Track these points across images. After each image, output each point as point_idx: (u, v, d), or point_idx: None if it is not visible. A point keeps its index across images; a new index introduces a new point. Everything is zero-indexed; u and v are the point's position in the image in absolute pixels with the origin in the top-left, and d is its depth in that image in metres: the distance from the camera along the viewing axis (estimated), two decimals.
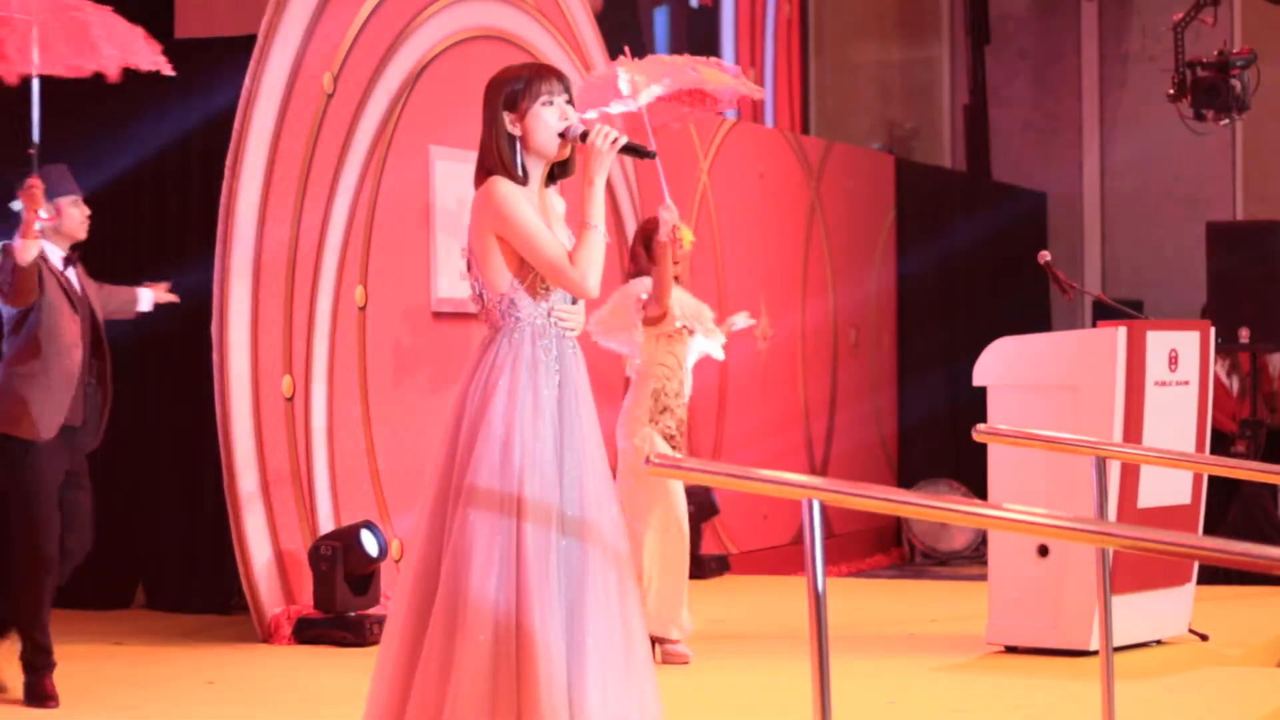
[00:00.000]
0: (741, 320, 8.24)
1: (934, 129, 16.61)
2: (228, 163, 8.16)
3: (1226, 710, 6.69)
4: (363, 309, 8.81)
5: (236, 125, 8.18)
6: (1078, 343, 7.71)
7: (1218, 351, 9.31)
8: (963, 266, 15.07)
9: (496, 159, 5.08)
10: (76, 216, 7.18)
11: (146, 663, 7.71)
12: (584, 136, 5.10)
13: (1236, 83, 10.83)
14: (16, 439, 6.85)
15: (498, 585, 4.94)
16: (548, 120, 5.10)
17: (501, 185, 5.02)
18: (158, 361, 9.08)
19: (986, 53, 16.41)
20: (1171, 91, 11.06)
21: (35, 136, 6.78)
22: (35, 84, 6.78)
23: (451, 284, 9.25)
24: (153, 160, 9.04)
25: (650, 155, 5.30)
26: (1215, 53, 11.05)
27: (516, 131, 5.08)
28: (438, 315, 9.21)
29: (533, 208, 5.09)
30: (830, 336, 13.26)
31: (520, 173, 5.09)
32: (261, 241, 8.31)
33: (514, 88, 5.09)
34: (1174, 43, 11.12)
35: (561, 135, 5.09)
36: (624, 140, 5.12)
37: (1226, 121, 11.13)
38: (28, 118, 6.80)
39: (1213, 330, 8.03)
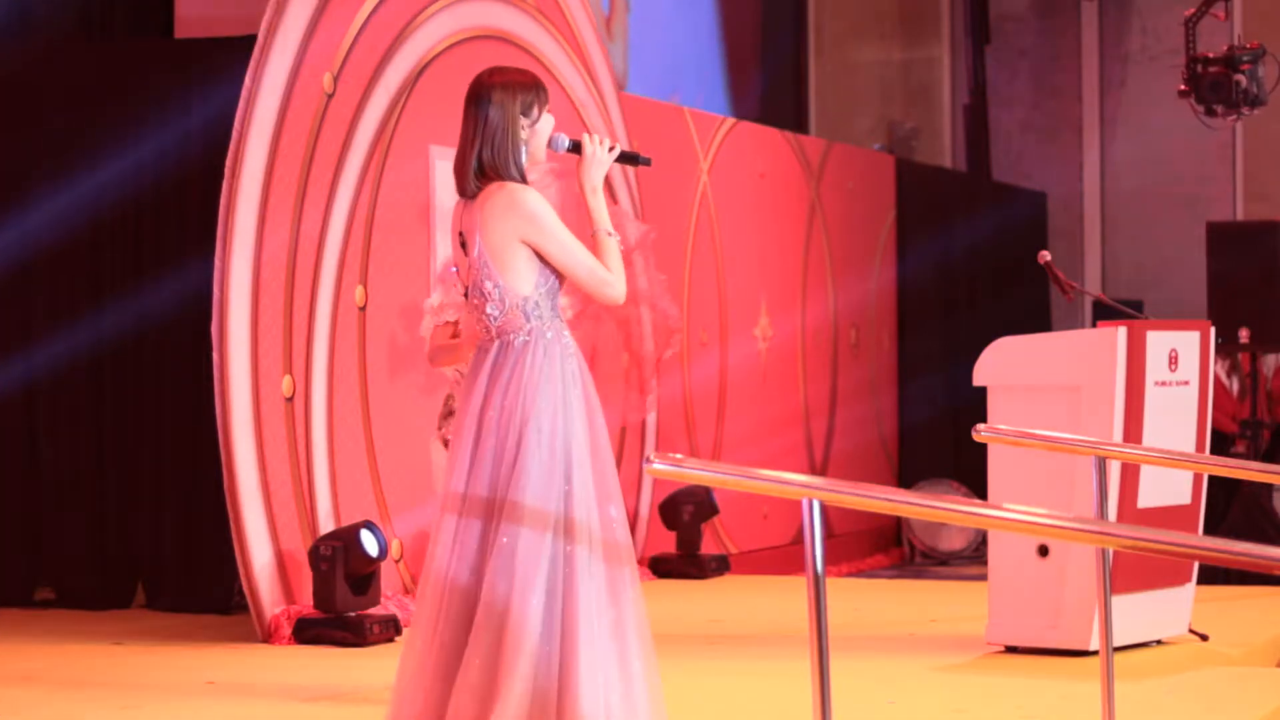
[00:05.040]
0: None
1: (934, 129, 16.61)
2: (228, 163, 8.16)
3: (1226, 710, 6.69)
4: (363, 309, 8.81)
5: (236, 125, 8.17)
6: (1078, 343, 7.71)
7: (1218, 351, 9.31)
8: (963, 267, 15.07)
9: (510, 163, 5.12)
10: None
11: (146, 663, 7.71)
12: (576, 148, 5.18)
13: (1243, 78, 10.78)
14: None
15: (546, 614, 5.03)
16: (547, 129, 5.19)
17: (532, 195, 5.09)
18: (158, 361, 9.08)
19: (986, 53, 16.41)
20: (1183, 87, 11.03)
21: None
22: None
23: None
24: (152, 160, 9.04)
25: (646, 162, 5.42)
26: (1224, 48, 11.02)
27: (526, 136, 5.13)
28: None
29: None
30: (830, 337, 13.26)
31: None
32: (261, 241, 8.31)
33: (530, 95, 5.14)
34: (1185, 38, 11.09)
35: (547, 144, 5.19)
36: (620, 148, 5.25)
37: (1236, 117, 11.08)
38: None
39: (1213, 330, 8.02)
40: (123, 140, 8.98)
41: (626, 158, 5.32)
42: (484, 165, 5.12)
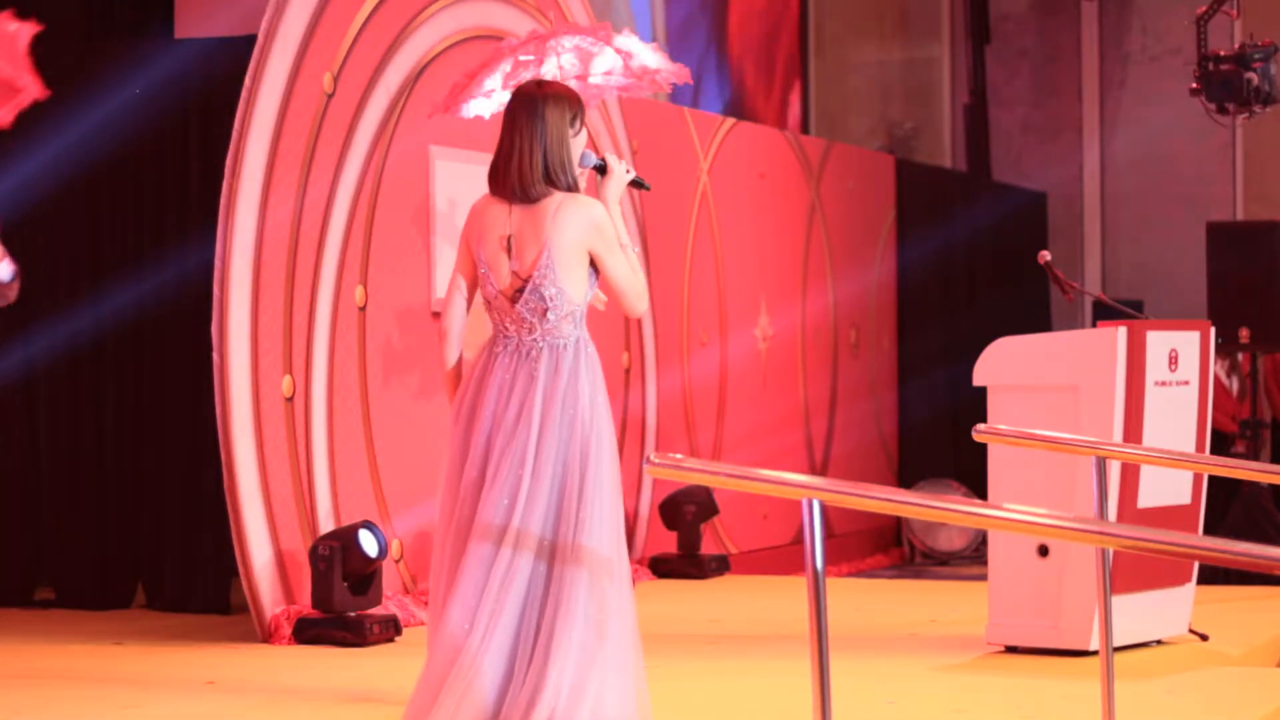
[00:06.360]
0: None
1: (934, 129, 16.61)
2: (228, 163, 8.16)
3: (1226, 710, 6.69)
4: (363, 309, 8.81)
5: (236, 125, 8.17)
6: (1078, 343, 7.71)
7: (1218, 351, 9.30)
8: (963, 266, 15.07)
9: (565, 170, 5.41)
10: None
11: (146, 663, 7.71)
12: (601, 168, 5.53)
13: (1254, 75, 10.74)
14: None
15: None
16: (582, 144, 5.48)
17: (600, 208, 5.38)
18: (157, 362, 9.08)
19: (986, 53, 16.41)
20: (1194, 85, 10.99)
21: None
22: None
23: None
24: (152, 160, 9.04)
25: (647, 188, 5.81)
26: (1236, 46, 10.98)
27: (573, 148, 5.36)
28: (437, 315, 9.19)
29: None
30: (830, 336, 13.26)
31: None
32: (261, 242, 8.31)
33: (575, 109, 5.44)
34: (1196, 36, 11.06)
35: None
36: (633, 171, 5.60)
37: (1247, 115, 11.05)
38: None
39: (1213, 330, 8.02)
40: (123, 139, 8.98)
41: (635, 182, 5.64)
42: (549, 172, 5.29)
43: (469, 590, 5.25)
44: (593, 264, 5.39)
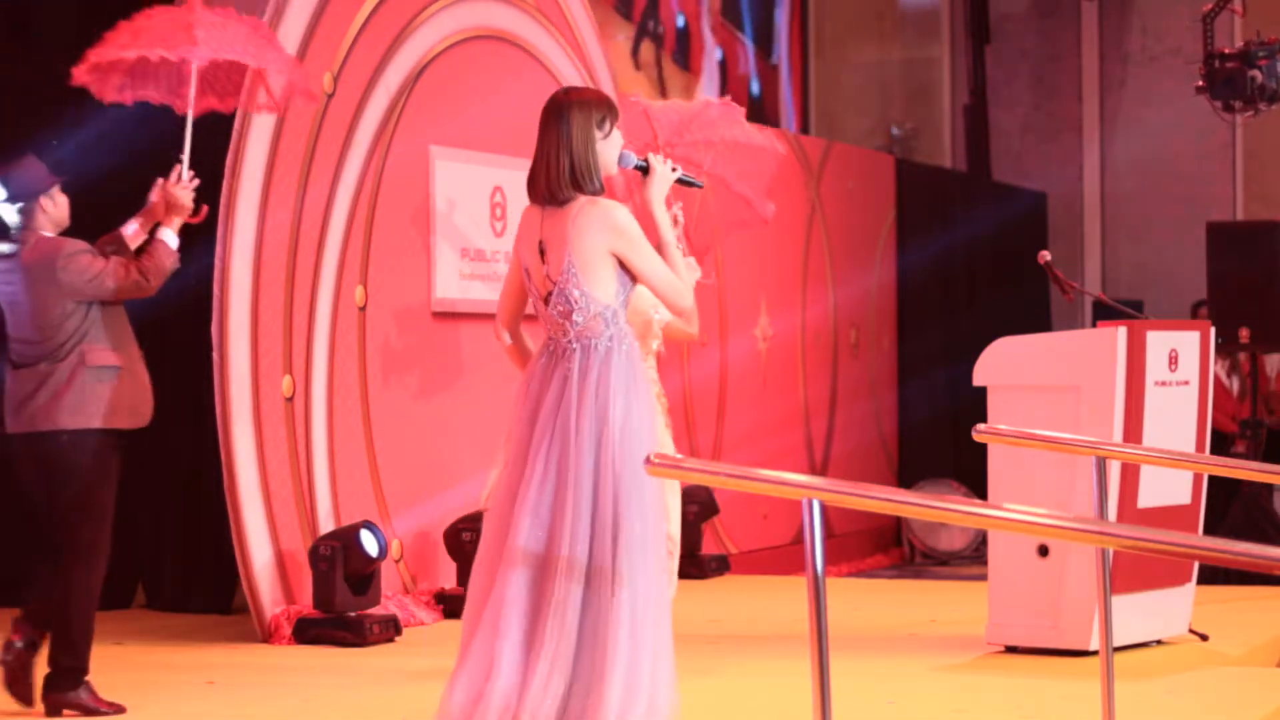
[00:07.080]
0: None
1: (934, 129, 16.61)
2: (228, 163, 8.16)
3: (1226, 710, 6.69)
4: (363, 309, 8.81)
5: (236, 125, 8.17)
6: (1078, 343, 7.71)
7: (1218, 351, 9.30)
8: (963, 266, 15.08)
9: (591, 174, 5.42)
10: (65, 205, 7.34)
11: (146, 663, 7.71)
12: (644, 169, 5.59)
13: (1258, 73, 10.71)
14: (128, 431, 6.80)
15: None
16: (617, 144, 5.50)
17: (623, 210, 5.43)
18: (157, 360, 9.06)
19: (986, 53, 16.41)
20: (1200, 84, 10.97)
21: (186, 153, 7.00)
22: (190, 115, 7.04)
23: (451, 284, 9.26)
24: (152, 160, 9.02)
25: (699, 185, 5.91)
26: (1240, 43, 10.96)
27: (600, 150, 5.40)
28: (437, 315, 9.21)
29: None
30: (830, 336, 13.26)
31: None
32: (261, 242, 8.31)
33: (603, 111, 5.47)
34: (1202, 34, 11.04)
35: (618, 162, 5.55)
36: (680, 170, 5.66)
37: (1253, 113, 11.02)
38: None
39: (1213, 330, 8.02)
40: (122, 139, 8.97)
41: (684, 180, 5.69)
42: (575, 176, 5.31)
43: (515, 633, 5.28)
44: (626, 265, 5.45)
